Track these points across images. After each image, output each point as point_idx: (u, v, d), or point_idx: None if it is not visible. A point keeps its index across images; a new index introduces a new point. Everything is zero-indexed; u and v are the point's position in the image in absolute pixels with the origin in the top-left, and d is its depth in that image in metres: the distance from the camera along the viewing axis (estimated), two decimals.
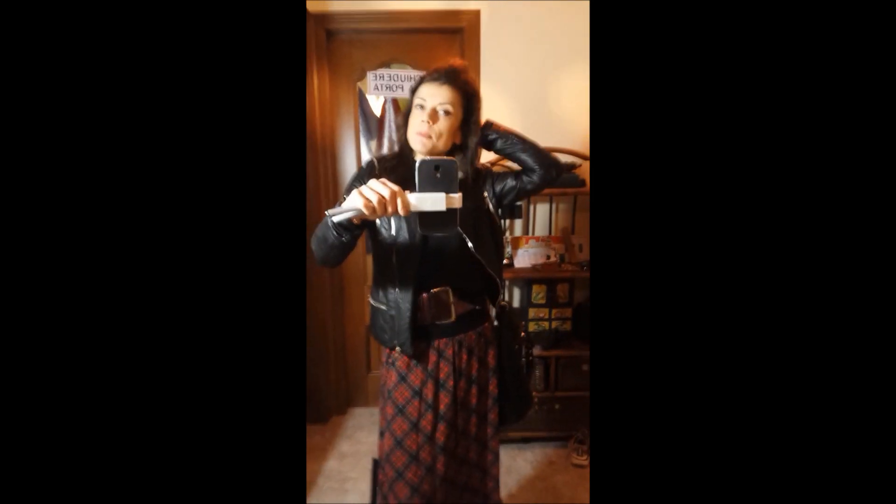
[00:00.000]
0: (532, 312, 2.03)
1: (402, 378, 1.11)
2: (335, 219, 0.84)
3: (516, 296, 2.19)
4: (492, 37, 2.03)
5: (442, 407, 1.10)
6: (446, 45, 2.10)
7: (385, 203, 0.77)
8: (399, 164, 1.07)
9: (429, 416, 1.10)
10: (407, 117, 1.08)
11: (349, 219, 0.83)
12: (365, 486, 1.82)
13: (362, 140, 2.21)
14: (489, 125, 1.11)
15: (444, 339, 1.10)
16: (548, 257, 2.07)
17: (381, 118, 2.26)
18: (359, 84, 2.15)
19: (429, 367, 1.10)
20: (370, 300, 1.15)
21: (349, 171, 2.20)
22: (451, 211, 0.78)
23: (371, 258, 1.15)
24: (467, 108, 1.06)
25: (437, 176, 0.78)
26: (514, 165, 1.18)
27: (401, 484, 1.10)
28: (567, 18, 2.00)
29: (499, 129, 1.11)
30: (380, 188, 0.77)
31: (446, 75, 1.02)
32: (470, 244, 1.05)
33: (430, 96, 1.02)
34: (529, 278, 2.00)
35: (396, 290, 1.06)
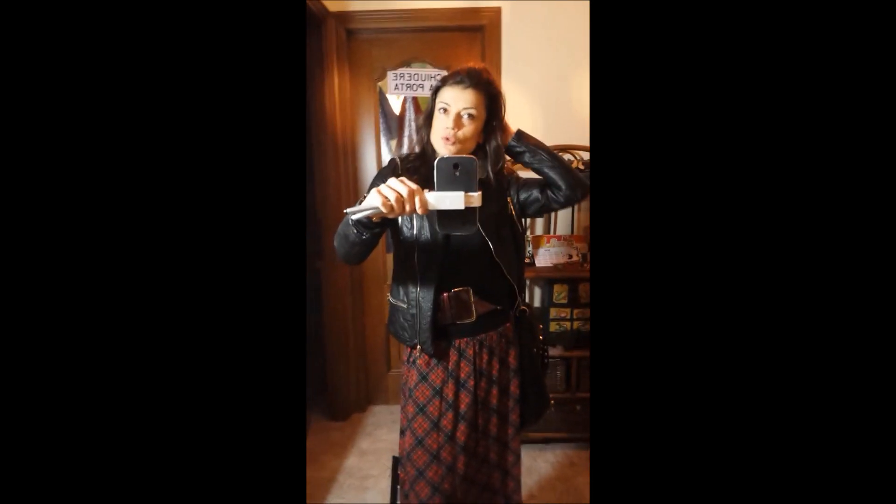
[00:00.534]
0: (553, 312, 2.01)
1: (423, 377, 1.11)
2: (354, 217, 0.85)
3: (537, 295, 2.18)
4: (513, 35, 2.01)
5: (463, 406, 1.10)
6: (467, 43, 2.09)
7: (403, 201, 0.77)
8: (422, 164, 1.07)
9: (449, 415, 1.09)
10: (429, 119, 1.07)
11: (369, 217, 0.83)
12: (385, 484, 1.83)
13: (382, 139, 2.22)
14: (520, 136, 1.08)
15: (464, 339, 1.09)
16: (570, 257, 2.05)
17: (401, 117, 2.27)
18: (379, 84, 2.16)
19: (449, 367, 1.10)
20: (390, 298, 1.15)
21: (369, 171, 2.21)
22: (469, 209, 0.78)
23: (391, 256, 1.15)
24: (490, 108, 1.05)
25: (457, 174, 0.77)
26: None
27: (422, 483, 1.10)
28: (588, 16, 1.98)
29: (528, 141, 1.08)
30: (398, 186, 0.77)
31: (469, 78, 1.01)
32: (492, 247, 1.05)
33: (453, 101, 1.01)
34: (551, 278, 1.98)
35: (418, 289, 1.06)
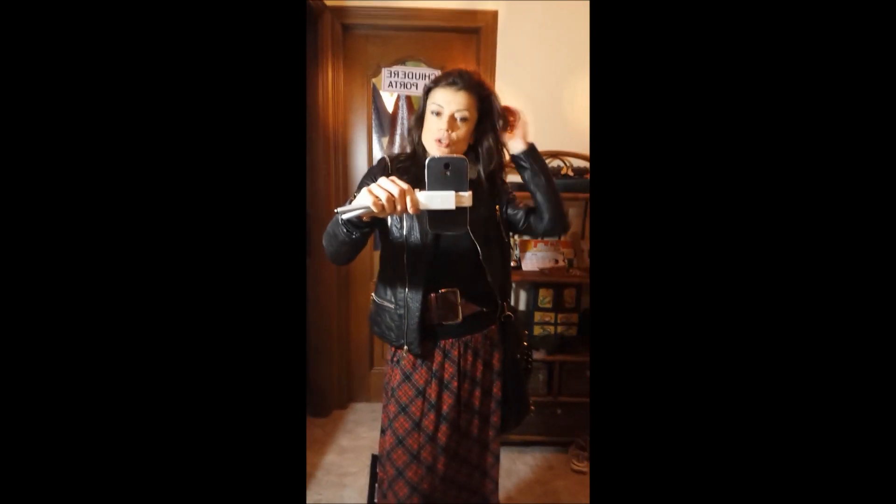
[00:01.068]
0: (538, 316, 2.02)
1: (407, 377, 1.11)
2: (344, 216, 0.84)
3: (522, 299, 2.19)
4: (508, 38, 2.02)
5: (445, 407, 1.10)
6: (462, 44, 2.10)
7: (394, 201, 0.76)
8: (412, 164, 1.07)
9: (431, 415, 1.09)
10: (420, 120, 1.07)
11: (359, 216, 0.83)
12: (363, 482, 1.82)
13: (374, 136, 2.21)
14: (531, 152, 1.09)
15: (450, 340, 1.09)
16: (556, 261, 2.06)
17: (393, 115, 2.26)
18: (373, 80, 2.15)
19: (433, 368, 1.10)
20: (374, 298, 1.15)
21: (361, 167, 2.20)
22: (460, 209, 0.78)
23: (377, 255, 1.15)
24: (482, 110, 1.05)
25: (447, 174, 0.77)
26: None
27: (401, 482, 1.10)
28: (584, 22, 2.00)
29: (535, 162, 1.08)
30: (389, 186, 0.77)
31: (462, 79, 1.01)
32: (479, 250, 1.05)
33: (446, 103, 1.01)
34: (536, 282, 2.00)
35: (406, 289, 1.06)
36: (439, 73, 1.05)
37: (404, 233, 1.05)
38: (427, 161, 0.77)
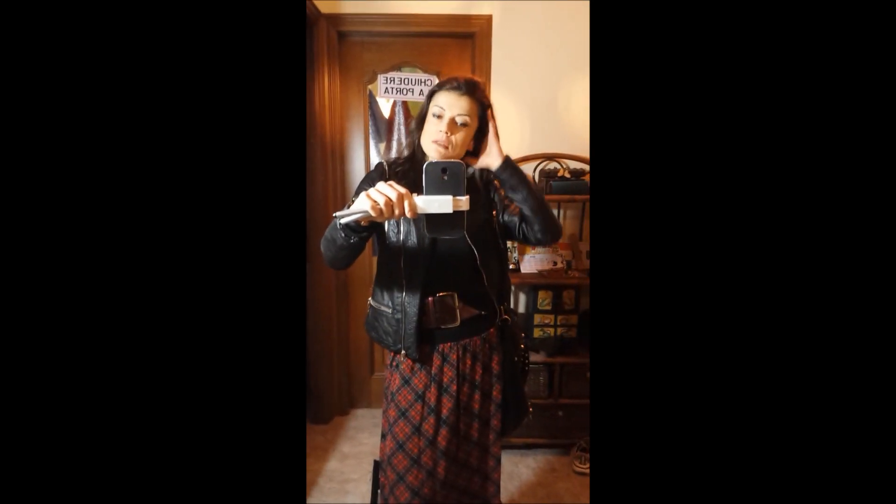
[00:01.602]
0: (537, 318, 2.03)
1: (406, 381, 1.11)
2: (342, 220, 0.85)
3: (522, 301, 2.19)
4: (503, 42, 2.03)
5: (445, 411, 1.10)
6: (458, 49, 2.11)
7: (392, 205, 0.77)
8: (410, 168, 1.07)
9: (431, 420, 1.09)
10: (420, 123, 1.08)
11: (357, 220, 0.84)
12: (366, 488, 1.82)
13: (371, 142, 2.22)
14: (505, 166, 1.04)
15: (448, 344, 1.10)
16: (554, 263, 2.07)
17: (390, 121, 2.27)
18: (369, 87, 2.16)
19: (432, 371, 1.10)
20: (371, 302, 1.15)
21: (358, 173, 2.21)
22: (458, 213, 0.78)
23: (376, 260, 1.15)
24: (481, 118, 1.06)
25: (444, 178, 0.78)
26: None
27: (402, 487, 1.10)
28: (579, 25, 2.01)
29: (513, 174, 1.04)
30: (387, 190, 0.77)
31: (466, 86, 1.02)
32: (477, 254, 1.05)
33: (448, 106, 1.02)
34: (535, 284, 2.00)
35: (404, 293, 1.06)
36: (435, 79, 1.06)
37: (401, 237, 1.05)
38: (425, 165, 0.78)
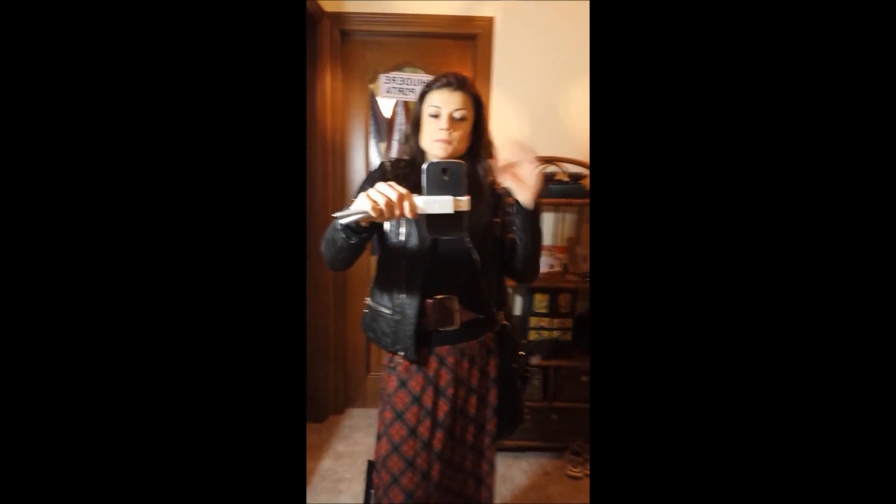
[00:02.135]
0: (533, 321, 2.03)
1: (403, 383, 1.11)
2: (342, 221, 0.85)
3: (518, 304, 2.19)
4: (505, 44, 2.03)
5: (441, 414, 1.10)
6: (459, 51, 2.11)
7: (392, 205, 0.77)
8: (412, 170, 1.07)
9: (427, 422, 1.10)
10: (416, 126, 1.08)
11: (357, 221, 0.83)
12: (359, 488, 1.82)
13: (372, 142, 2.22)
14: (534, 214, 1.01)
15: (446, 347, 1.10)
16: (551, 266, 2.07)
17: (391, 121, 2.27)
18: (371, 86, 2.16)
19: (429, 374, 1.10)
20: (369, 302, 1.15)
21: (358, 172, 2.21)
22: (458, 214, 0.78)
23: (374, 260, 1.15)
24: (476, 111, 1.07)
25: (445, 179, 0.78)
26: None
27: (396, 489, 1.10)
28: (581, 28, 2.01)
29: (532, 222, 1.03)
30: (387, 191, 0.77)
31: (457, 81, 1.03)
32: (476, 258, 1.05)
33: (444, 103, 1.02)
34: (532, 287, 2.00)
35: (403, 295, 1.06)
36: (430, 82, 1.07)
37: (402, 238, 1.05)
38: (425, 166, 0.77)
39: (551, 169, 2.09)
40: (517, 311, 2.19)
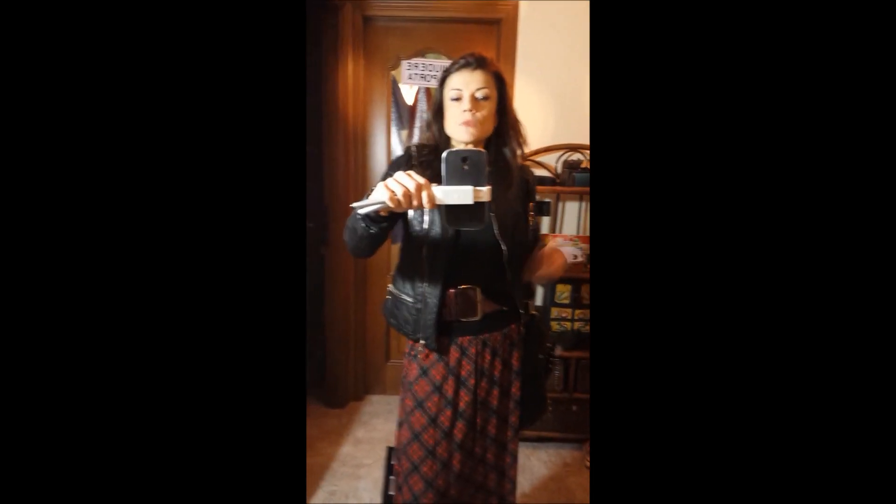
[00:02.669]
0: (555, 312, 2.01)
1: (424, 372, 1.10)
2: (361, 211, 0.84)
3: (539, 294, 2.17)
4: (529, 29, 1.99)
5: (462, 404, 1.09)
6: (483, 36, 2.07)
7: (410, 196, 0.75)
8: (435, 158, 1.05)
9: (448, 412, 1.09)
10: (438, 111, 1.06)
11: (376, 211, 0.82)
12: (378, 474, 1.83)
13: (393, 129, 2.21)
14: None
15: (468, 337, 1.08)
16: (574, 257, 2.04)
17: (413, 107, 2.25)
18: (392, 73, 2.14)
19: (451, 364, 1.09)
20: (392, 289, 1.14)
21: (379, 159, 2.20)
22: (478, 205, 0.76)
23: (396, 247, 1.14)
24: (500, 90, 1.04)
25: (465, 168, 0.76)
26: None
27: (416, 477, 1.10)
28: None
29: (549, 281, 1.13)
30: (405, 180, 0.75)
31: (476, 61, 1.00)
32: (504, 248, 1.03)
33: (465, 84, 1.00)
34: None
35: (425, 284, 1.05)
36: (449, 66, 1.04)
37: (425, 227, 1.04)
38: (445, 155, 0.75)
39: (576, 157, 2.05)
40: (539, 301, 2.17)
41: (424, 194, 0.75)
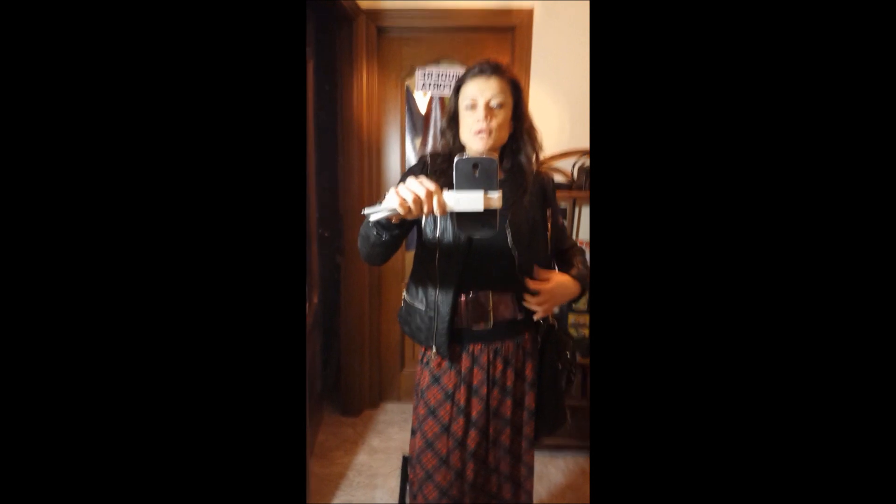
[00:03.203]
0: (572, 318, 1.99)
1: (436, 379, 1.10)
2: (372, 217, 0.84)
3: None
4: (544, 36, 1.99)
5: (474, 413, 1.08)
6: (497, 43, 2.07)
7: (421, 202, 0.75)
8: (449, 167, 1.05)
9: (460, 420, 1.08)
10: (453, 120, 1.06)
11: (388, 218, 0.82)
12: (394, 483, 1.82)
13: (407, 137, 2.22)
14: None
15: (479, 345, 1.07)
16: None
17: (427, 116, 2.26)
18: (406, 82, 2.15)
19: (462, 372, 1.08)
20: (406, 296, 1.14)
21: (393, 168, 2.21)
22: (489, 211, 0.75)
23: (410, 254, 1.13)
24: (515, 96, 1.04)
25: (476, 175, 0.75)
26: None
27: (430, 486, 1.09)
28: None
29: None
30: (415, 187, 0.75)
31: (491, 68, 1.00)
32: (517, 255, 1.02)
33: (479, 92, 0.99)
34: None
35: (437, 291, 1.04)
36: (462, 74, 1.04)
37: (437, 234, 1.04)
38: (455, 161, 0.75)
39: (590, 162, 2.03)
40: (555, 308, 2.14)
41: (435, 200, 0.75)
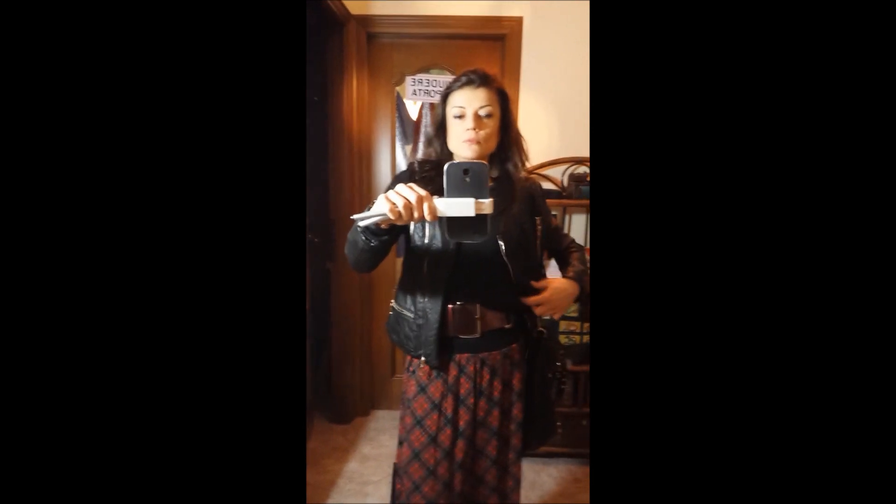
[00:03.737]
0: (563, 325, 1.99)
1: (422, 389, 1.09)
2: (362, 223, 0.83)
3: None
4: (534, 44, 2.00)
5: (461, 423, 1.07)
6: (487, 51, 2.08)
7: (411, 208, 0.75)
8: (437, 174, 1.05)
9: (448, 431, 1.07)
10: (441, 128, 1.06)
11: (377, 223, 0.82)
12: (385, 491, 1.81)
13: (398, 144, 2.22)
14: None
15: (466, 355, 1.07)
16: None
17: (417, 123, 2.26)
18: (397, 89, 2.15)
19: (449, 382, 1.07)
20: (394, 305, 1.13)
21: (384, 174, 2.21)
22: (480, 217, 0.75)
23: (400, 261, 1.13)
24: (503, 105, 1.04)
25: (466, 180, 0.75)
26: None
27: (417, 497, 1.08)
28: None
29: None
30: (406, 192, 0.75)
31: (480, 78, 1.00)
32: (509, 264, 1.02)
33: (468, 102, 1.00)
34: None
35: (426, 299, 1.04)
36: (450, 83, 1.04)
37: (426, 241, 1.03)
38: (446, 167, 0.75)
39: (581, 169, 2.04)
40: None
41: (426, 206, 0.74)
